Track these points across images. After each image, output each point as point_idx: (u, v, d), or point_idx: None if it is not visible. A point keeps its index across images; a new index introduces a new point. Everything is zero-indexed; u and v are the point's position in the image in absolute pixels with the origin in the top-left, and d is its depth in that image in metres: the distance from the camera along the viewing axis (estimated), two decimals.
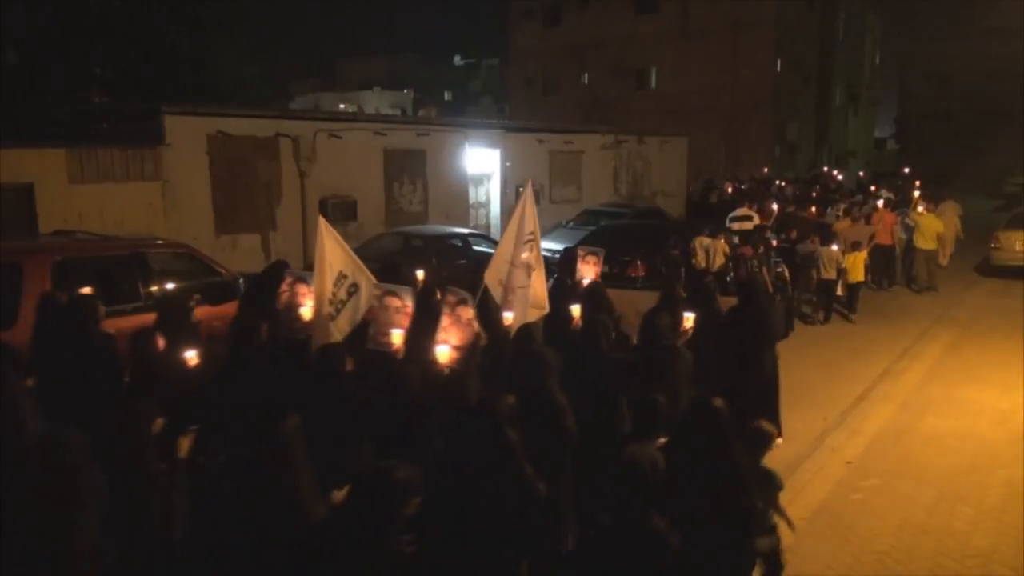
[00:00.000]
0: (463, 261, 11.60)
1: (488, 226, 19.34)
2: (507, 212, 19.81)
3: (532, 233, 6.72)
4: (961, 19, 53.14)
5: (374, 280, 6.14)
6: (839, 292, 12.73)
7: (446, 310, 5.79)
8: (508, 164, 19.63)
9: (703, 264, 11.31)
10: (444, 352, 5.30)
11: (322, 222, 6.06)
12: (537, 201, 20.61)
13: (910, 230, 15.26)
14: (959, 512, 6.11)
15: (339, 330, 5.87)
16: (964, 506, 6.20)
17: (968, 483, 6.61)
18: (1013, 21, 48.45)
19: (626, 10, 38.71)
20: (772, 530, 4.57)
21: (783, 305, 10.43)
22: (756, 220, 14.79)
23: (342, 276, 6.00)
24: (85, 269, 7.37)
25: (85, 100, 19.11)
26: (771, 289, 10.32)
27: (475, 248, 12.72)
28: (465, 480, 3.57)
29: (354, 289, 6.03)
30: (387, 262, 7.62)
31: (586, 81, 41.42)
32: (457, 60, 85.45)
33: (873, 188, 23.87)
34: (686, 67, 37.20)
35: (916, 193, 18.07)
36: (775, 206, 17.19)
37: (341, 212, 15.29)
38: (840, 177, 30.65)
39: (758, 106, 36.22)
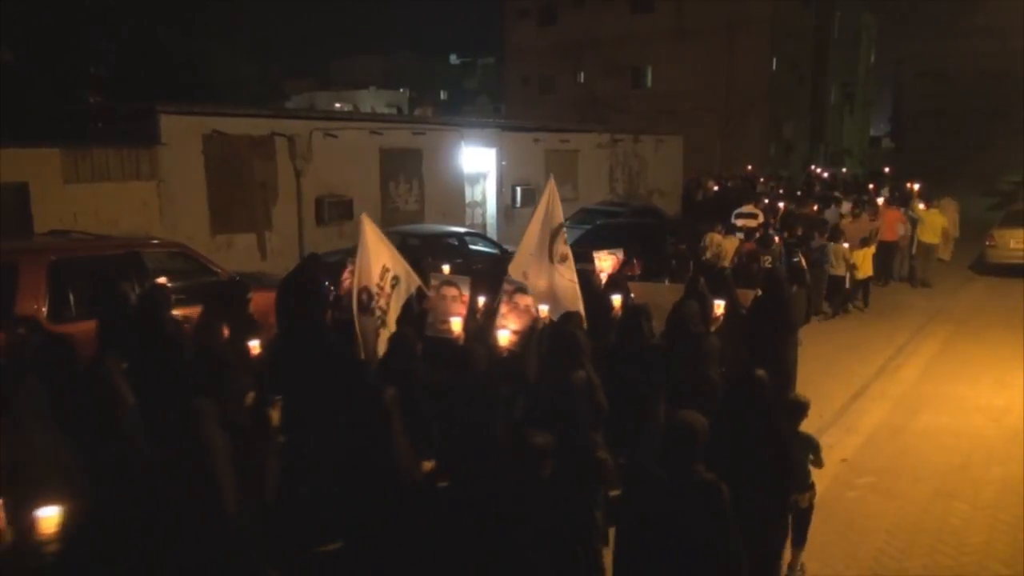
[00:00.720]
0: (459, 260, 11.60)
1: (484, 225, 19.33)
2: (503, 211, 19.81)
3: (561, 225, 7.01)
4: (956, 17, 53.27)
5: (413, 272, 6.61)
6: (847, 286, 12.99)
7: (504, 298, 6.37)
8: (504, 163, 19.62)
9: (713, 259, 11.52)
10: (505, 336, 5.79)
11: (365, 219, 6.43)
12: (533, 200, 20.64)
13: (914, 224, 15.50)
14: (954, 509, 6.13)
15: (392, 320, 6.24)
16: (959, 503, 6.22)
17: (963, 480, 6.64)
18: (1008, 19, 48.58)
19: (622, 9, 38.71)
20: (811, 487, 5.03)
21: (803, 293, 10.82)
22: (760, 218, 15.06)
23: (385, 269, 6.38)
24: (81, 269, 7.36)
25: (80, 100, 19.08)
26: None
27: (471, 247, 12.72)
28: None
29: (396, 281, 6.48)
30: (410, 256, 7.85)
31: (582, 80, 41.42)
32: (453, 59, 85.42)
33: (872, 187, 24.23)
34: (682, 66, 37.21)
35: (916, 188, 18.63)
36: (780, 204, 17.58)
37: (337, 211, 15.26)
38: (825, 175, 30.93)
39: (754, 105, 36.27)
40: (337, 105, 53.32)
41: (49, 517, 3.05)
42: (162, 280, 6.94)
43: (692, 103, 36.25)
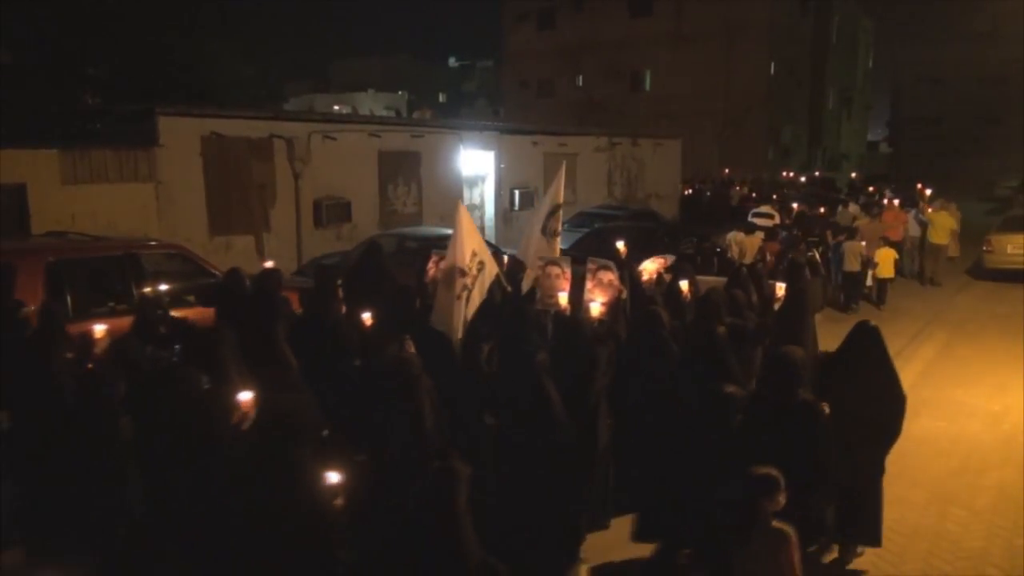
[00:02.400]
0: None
1: (483, 228, 19.30)
2: (501, 214, 19.81)
3: (559, 206, 8.06)
4: (954, 24, 53.37)
5: (493, 261, 7.44)
6: (868, 283, 13.89)
7: (589, 275, 7.52)
8: (502, 166, 19.63)
9: (737, 257, 12.37)
10: (596, 307, 6.91)
11: (461, 206, 7.30)
12: (531, 203, 20.59)
13: (923, 226, 16.43)
14: (951, 514, 6.15)
15: (474, 300, 6.97)
16: (956, 508, 6.24)
17: (960, 485, 6.65)
18: (1004, 26, 48.71)
19: (620, 13, 38.78)
20: None
21: (817, 282, 11.71)
22: (776, 218, 16.36)
23: (474, 253, 7.04)
24: (78, 270, 7.36)
25: (79, 101, 19.04)
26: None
27: None
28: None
29: (481, 266, 7.16)
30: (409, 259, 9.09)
31: (580, 83, 41.48)
32: (452, 62, 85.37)
33: (872, 189, 25.81)
34: (680, 70, 37.28)
35: (927, 192, 20.03)
36: (795, 206, 19.06)
37: (335, 214, 15.25)
38: (803, 179, 32.04)
39: (752, 109, 36.33)
40: (336, 107, 53.18)
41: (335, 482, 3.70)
42: (270, 264, 7.95)
43: (690, 107, 36.32)
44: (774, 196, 25.84)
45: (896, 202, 18.33)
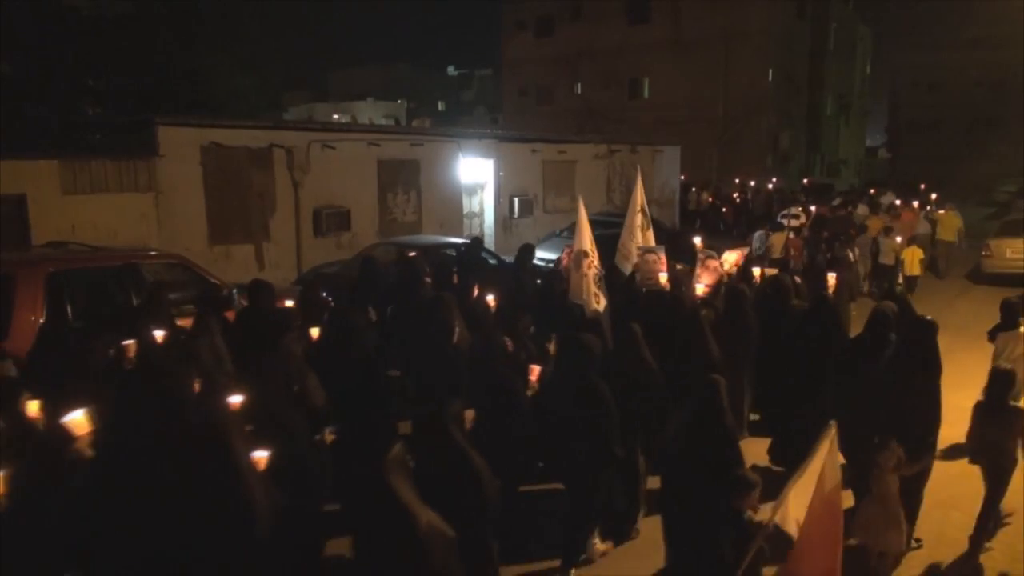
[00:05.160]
0: (455, 269, 11.58)
1: (482, 236, 19.32)
2: (501, 222, 19.83)
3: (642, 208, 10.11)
4: (951, 29, 53.52)
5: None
6: (898, 282, 14.80)
7: (699, 262, 9.34)
8: (502, 174, 19.66)
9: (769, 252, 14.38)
10: (700, 288, 8.68)
11: (580, 202, 9.06)
12: (530, 211, 20.53)
13: (932, 224, 17.97)
14: (952, 518, 6.16)
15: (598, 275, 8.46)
16: (956, 512, 6.24)
17: (960, 490, 6.62)
18: (1001, 31, 48.83)
19: (618, 20, 38.87)
20: None
21: (850, 276, 12.71)
22: (803, 218, 18.24)
23: (591, 239, 8.53)
24: (78, 280, 7.37)
25: (78, 111, 19.09)
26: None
27: None
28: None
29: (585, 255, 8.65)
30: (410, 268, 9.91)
31: (579, 91, 41.57)
32: (451, 70, 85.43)
33: (873, 191, 27.33)
34: (679, 77, 37.36)
35: (934, 196, 22.21)
36: (813, 208, 20.90)
37: (335, 222, 15.28)
38: (769, 186, 32.49)
39: (750, 115, 36.40)
40: (335, 116, 53.42)
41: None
42: (413, 253, 9.55)
43: (689, 114, 36.39)
44: (735, 195, 27.49)
45: (915, 204, 20.21)
